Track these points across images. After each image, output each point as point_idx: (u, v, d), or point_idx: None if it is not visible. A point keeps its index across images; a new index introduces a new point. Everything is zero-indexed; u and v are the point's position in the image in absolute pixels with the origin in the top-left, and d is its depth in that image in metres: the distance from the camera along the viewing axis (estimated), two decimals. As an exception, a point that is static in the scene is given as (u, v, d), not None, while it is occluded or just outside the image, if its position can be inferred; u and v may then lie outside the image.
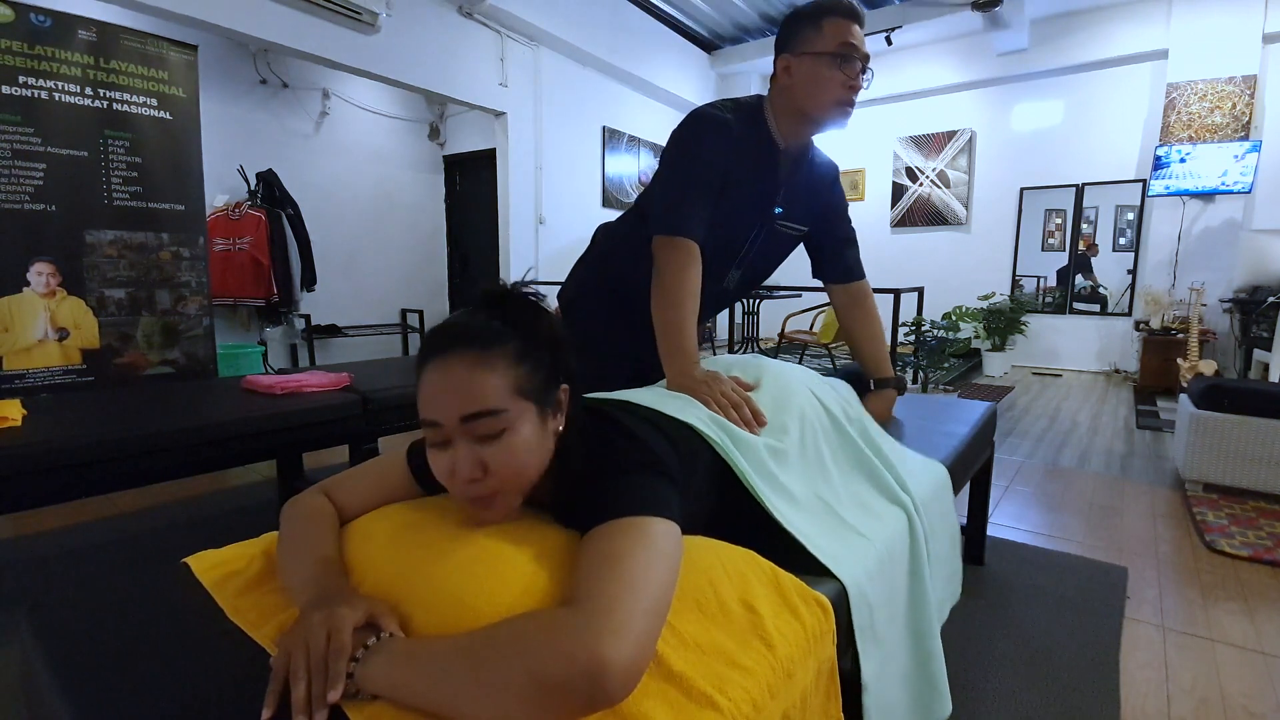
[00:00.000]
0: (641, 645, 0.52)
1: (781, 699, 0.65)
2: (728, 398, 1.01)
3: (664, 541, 0.61)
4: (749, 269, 1.42)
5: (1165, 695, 1.38)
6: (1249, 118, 4.75)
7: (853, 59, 1.20)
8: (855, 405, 1.25)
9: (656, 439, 0.76)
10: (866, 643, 0.86)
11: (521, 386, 0.66)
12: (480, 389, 0.64)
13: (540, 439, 0.68)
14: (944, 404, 1.89)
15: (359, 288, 5.35)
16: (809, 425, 1.06)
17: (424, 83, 4.07)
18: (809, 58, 1.21)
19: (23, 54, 2.63)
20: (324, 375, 2.17)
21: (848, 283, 1.52)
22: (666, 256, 1.19)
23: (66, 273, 2.80)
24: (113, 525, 2.27)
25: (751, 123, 1.28)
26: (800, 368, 1.23)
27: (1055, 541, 2.15)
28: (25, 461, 1.43)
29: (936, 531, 1.13)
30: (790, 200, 1.36)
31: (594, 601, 0.53)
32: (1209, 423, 2.49)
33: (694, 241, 1.19)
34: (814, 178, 1.40)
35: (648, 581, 0.56)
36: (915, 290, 4.40)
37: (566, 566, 0.63)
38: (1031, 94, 5.84)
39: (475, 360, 0.65)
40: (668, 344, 1.13)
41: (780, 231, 1.39)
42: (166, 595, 0.76)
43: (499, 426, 0.64)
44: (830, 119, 1.26)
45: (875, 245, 6.82)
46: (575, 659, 0.48)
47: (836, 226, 1.49)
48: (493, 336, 0.66)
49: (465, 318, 0.69)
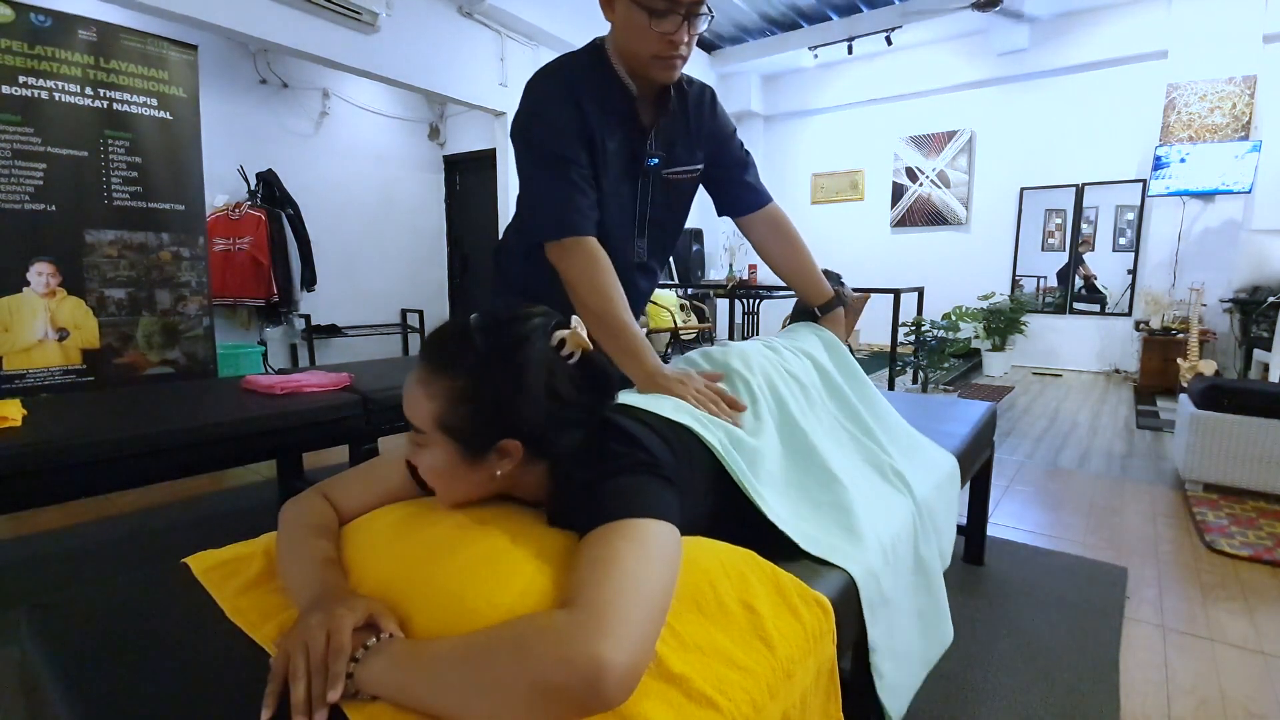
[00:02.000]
0: (639, 648, 0.52)
1: (781, 699, 0.65)
2: (703, 393, 0.98)
3: (661, 543, 0.61)
4: (654, 231, 1.27)
5: (1165, 695, 1.38)
6: (1249, 118, 4.75)
7: (665, 13, 1.00)
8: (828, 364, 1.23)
9: (652, 440, 0.76)
10: (875, 610, 0.88)
11: (447, 423, 0.68)
12: (414, 403, 0.69)
13: (459, 476, 0.70)
14: (944, 404, 1.89)
15: (359, 288, 5.35)
16: (784, 402, 1.06)
17: (424, 83, 4.07)
18: (623, 1, 1.03)
19: (23, 54, 2.63)
20: (324, 375, 2.17)
21: (757, 209, 1.35)
22: (566, 264, 1.06)
23: (66, 273, 2.80)
24: (113, 525, 2.28)
25: (594, 70, 1.12)
26: (761, 344, 1.19)
27: (1055, 541, 2.15)
28: (25, 461, 1.43)
29: (938, 519, 1.13)
30: (669, 144, 1.20)
31: (591, 605, 0.53)
32: (1209, 423, 2.49)
33: (588, 236, 1.06)
34: (688, 109, 1.22)
35: (645, 583, 0.56)
36: (915, 290, 4.40)
37: (565, 568, 0.63)
38: (1031, 94, 5.84)
39: (423, 378, 0.69)
40: (617, 350, 1.02)
41: (671, 179, 1.23)
42: (166, 595, 0.76)
43: (420, 442, 0.70)
44: (650, 72, 1.08)
45: (875, 245, 6.83)
46: (573, 663, 0.48)
47: (728, 153, 1.31)
48: (446, 364, 0.68)
49: (449, 334, 0.71)
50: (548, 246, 1.09)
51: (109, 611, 0.73)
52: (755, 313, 5.29)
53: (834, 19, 5.88)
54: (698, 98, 1.24)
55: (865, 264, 6.79)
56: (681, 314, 5.71)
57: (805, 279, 1.38)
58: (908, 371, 4.98)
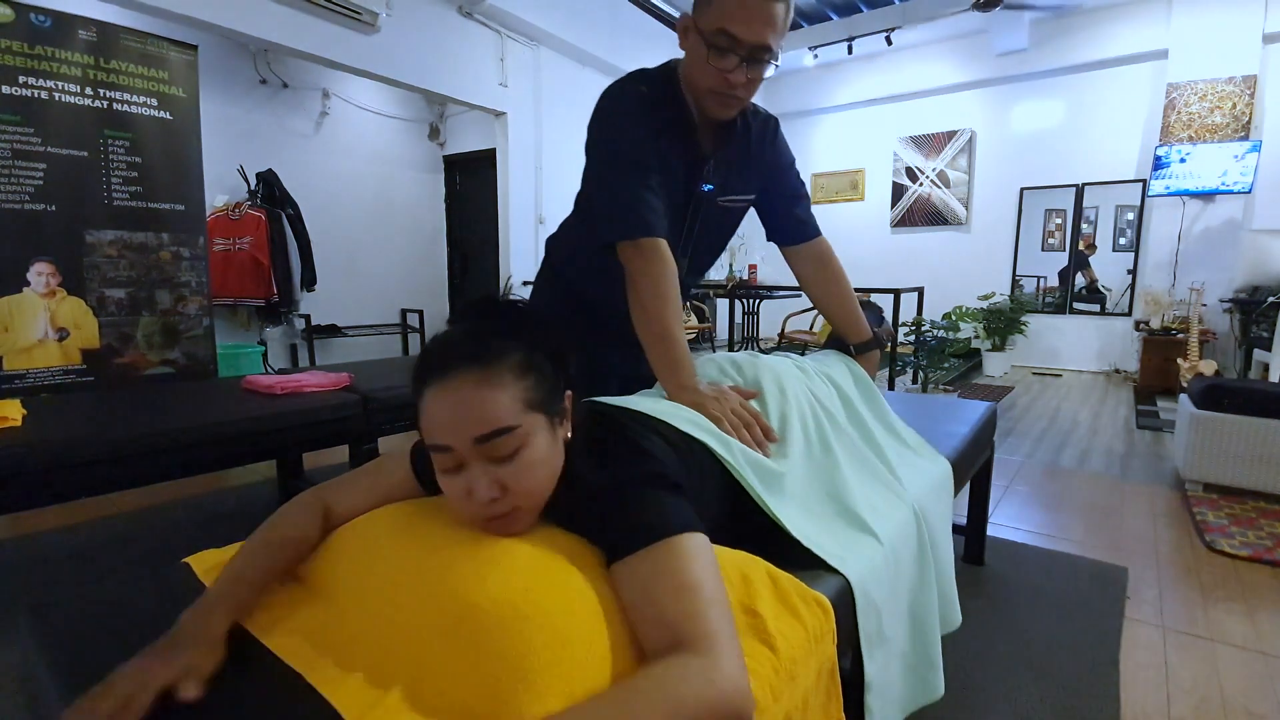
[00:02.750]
0: (743, 662, 0.57)
1: (784, 700, 0.65)
2: (739, 415, 0.97)
3: (709, 554, 0.64)
4: (696, 253, 1.28)
5: (1165, 695, 1.38)
6: (1249, 118, 4.75)
7: (726, 52, 1.00)
8: (853, 394, 1.23)
9: (666, 451, 0.76)
10: (873, 646, 0.86)
11: (530, 399, 0.64)
12: (491, 408, 0.61)
13: (552, 450, 0.67)
14: (944, 404, 1.89)
15: (359, 288, 5.35)
16: (809, 431, 1.06)
17: (424, 83, 4.07)
18: (694, 32, 1.04)
19: (23, 54, 2.62)
20: (324, 375, 2.17)
21: (804, 241, 1.36)
22: (638, 264, 1.05)
23: (66, 273, 2.80)
24: (113, 525, 2.27)
25: (665, 92, 1.12)
26: (791, 363, 1.19)
27: (1055, 541, 2.15)
28: (25, 461, 1.42)
29: (936, 535, 1.13)
30: (725, 173, 1.21)
31: (705, 640, 0.56)
32: (1209, 423, 2.49)
33: (661, 238, 1.06)
34: (750, 140, 1.23)
35: (722, 601, 0.60)
36: (915, 290, 4.40)
37: (569, 566, 0.63)
38: (1031, 94, 5.84)
39: (481, 378, 0.62)
40: (659, 357, 1.02)
41: (722, 207, 1.25)
42: (167, 595, 0.76)
43: (514, 445, 0.62)
44: (705, 104, 1.09)
45: (875, 245, 6.83)
46: (717, 705, 0.53)
47: (783, 183, 1.32)
48: (496, 350, 0.64)
49: (462, 332, 0.67)
50: (620, 246, 1.07)
51: (109, 611, 0.73)
52: (755, 313, 5.29)
53: (834, 19, 5.88)
54: (761, 127, 1.25)
55: (865, 264, 6.79)
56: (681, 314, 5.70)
57: (846, 318, 1.39)
58: (908, 371, 4.98)
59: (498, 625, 0.56)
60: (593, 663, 0.57)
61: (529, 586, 0.60)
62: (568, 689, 0.54)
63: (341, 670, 0.61)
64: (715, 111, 1.10)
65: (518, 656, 0.54)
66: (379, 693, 0.58)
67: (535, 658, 0.54)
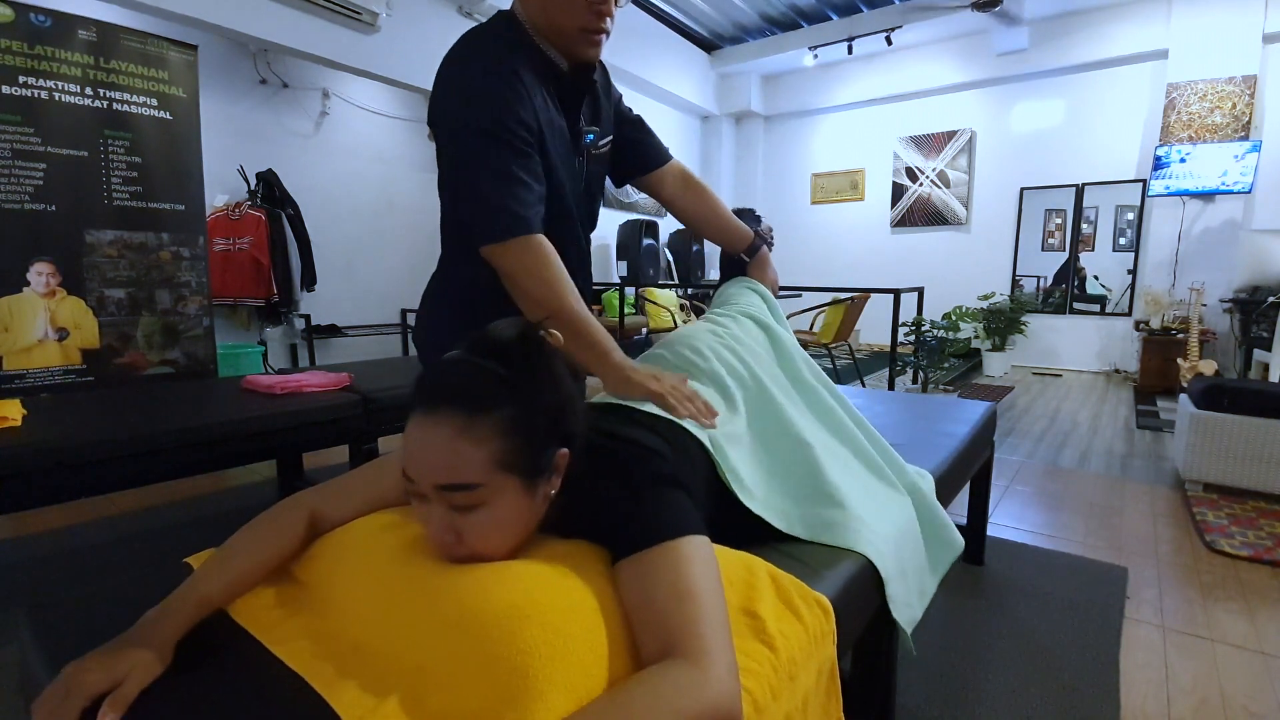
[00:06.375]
0: (736, 670, 0.58)
1: (784, 700, 0.65)
2: (680, 391, 0.92)
3: (710, 559, 0.63)
4: (590, 206, 1.19)
5: (1165, 695, 1.38)
6: (1249, 118, 4.75)
7: None
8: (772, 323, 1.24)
9: (660, 446, 0.76)
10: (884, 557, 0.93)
11: (506, 461, 0.60)
12: (458, 461, 0.59)
13: (521, 511, 0.64)
14: (944, 404, 1.89)
15: (359, 288, 5.34)
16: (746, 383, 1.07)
17: (424, 83, 4.07)
18: None
19: (23, 54, 2.62)
20: (324, 375, 2.17)
21: (666, 163, 1.30)
22: (511, 264, 0.93)
23: (66, 273, 2.80)
24: (113, 525, 2.27)
25: (518, 44, 1.00)
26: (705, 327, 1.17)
27: (1055, 541, 2.15)
28: (25, 461, 1.43)
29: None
30: (594, 118, 1.12)
31: (698, 649, 0.56)
32: (1209, 423, 2.49)
33: (535, 234, 0.94)
34: (598, 79, 1.14)
35: (719, 608, 0.60)
36: (915, 290, 4.40)
37: (569, 567, 0.63)
38: (1031, 94, 5.84)
39: (460, 428, 0.59)
40: (579, 346, 0.91)
41: (599, 153, 1.16)
42: (167, 595, 0.75)
43: (475, 501, 0.60)
44: (575, 47, 1.00)
45: (875, 245, 6.83)
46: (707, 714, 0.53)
47: (624, 115, 1.24)
48: (485, 400, 0.60)
49: (463, 368, 0.63)
50: (487, 250, 0.94)
51: (109, 611, 0.73)
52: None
53: (834, 19, 5.89)
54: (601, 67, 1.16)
55: (865, 264, 6.80)
56: (681, 314, 5.71)
57: (723, 226, 1.34)
58: (908, 371, 4.99)
59: (498, 624, 0.56)
60: (594, 660, 0.57)
61: (529, 587, 0.60)
62: (569, 686, 0.54)
63: (343, 674, 0.61)
64: (586, 52, 1.01)
65: (519, 654, 0.54)
66: (380, 696, 0.58)
67: (536, 655, 0.54)
